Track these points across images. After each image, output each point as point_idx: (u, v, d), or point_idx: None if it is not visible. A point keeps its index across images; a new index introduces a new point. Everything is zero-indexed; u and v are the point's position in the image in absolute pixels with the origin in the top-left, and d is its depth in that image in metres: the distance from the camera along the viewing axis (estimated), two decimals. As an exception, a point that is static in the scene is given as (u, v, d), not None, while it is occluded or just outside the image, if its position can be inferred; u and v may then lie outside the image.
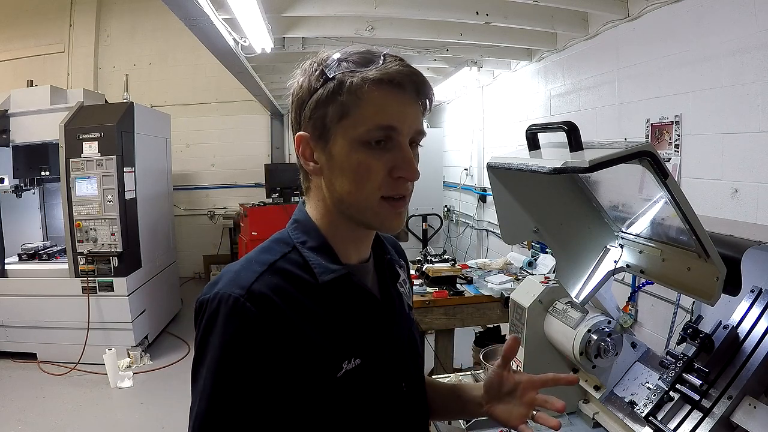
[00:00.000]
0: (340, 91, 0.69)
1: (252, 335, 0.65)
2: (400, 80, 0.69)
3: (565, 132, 0.89)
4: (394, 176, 0.71)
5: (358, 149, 0.70)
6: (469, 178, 4.98)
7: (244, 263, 0.72)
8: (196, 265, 6.86)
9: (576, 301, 1.27)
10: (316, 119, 0.71)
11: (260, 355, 0.65)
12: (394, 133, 0.70)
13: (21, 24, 6.24)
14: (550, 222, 1.27)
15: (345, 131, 0.70)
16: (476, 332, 3.47)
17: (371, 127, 0.69)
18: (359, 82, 0.68)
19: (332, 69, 0.70)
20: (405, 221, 0.79)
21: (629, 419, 1.20)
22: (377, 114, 0.69)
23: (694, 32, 2.11)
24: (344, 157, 0.70)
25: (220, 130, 6.87)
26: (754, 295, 0.97)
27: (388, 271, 0.87)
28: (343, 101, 0.69)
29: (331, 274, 0.73)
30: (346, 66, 0.70)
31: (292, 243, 0.76)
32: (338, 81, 0.69)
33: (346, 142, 0.70)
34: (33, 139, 4.10)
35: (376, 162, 0.70)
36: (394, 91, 0.69)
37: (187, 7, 2.26)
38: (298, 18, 2.84)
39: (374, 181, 0.70)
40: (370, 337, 0.76)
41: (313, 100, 0.71)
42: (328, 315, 0.71)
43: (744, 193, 1.93)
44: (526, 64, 3.70)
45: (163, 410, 3.36)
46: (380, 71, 0.69)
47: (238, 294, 0.66)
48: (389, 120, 0.69)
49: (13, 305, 4.04)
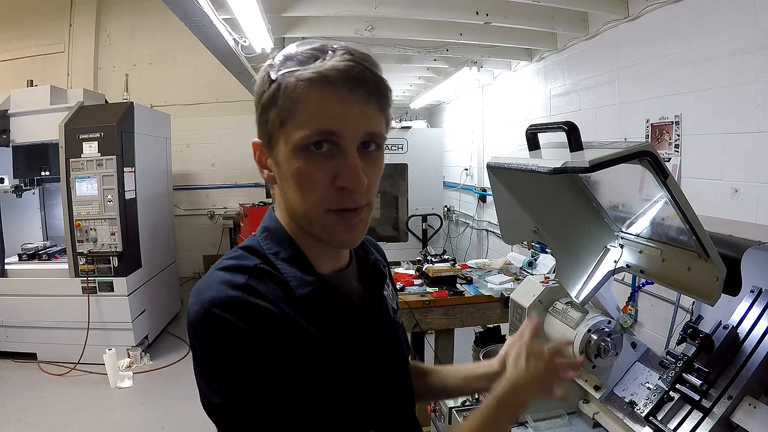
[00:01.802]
0: (278, 94, 0.64)
1: (269, 325, 0.62)
2: (337, 78, 0.62)
3: (565, 132, 0.90)
4: (337, 186, 0.65)
5: (298, 156, 0.64)
6: (469, 178, 4.98)
7: (224, 272, 0.67)
8: (196, 265, 6.86)
9: (576, 301, 1.27)
10: (263, 125, 0.67)
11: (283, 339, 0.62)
12: (336, 137, 0.63)
13: (21, 24, 6.24)
14: (550, 222, 1.28)
15: (286, 137, 0.65)
16: (476, 332, 3.46)
17: (309, 132, 0.63)
18: (293, 83, 0.63)
19: (275, 69, 0.65)
20: (363, 232, 0.71)
21: (629, 419, 1.20)
22: (314, 118, 0.63)
23: (694, 32, 2.11)
24: (286, 165, 0.66)
25: (220, 130, 6.87)
26: (754, 295, 0.97)
27: (374, 274, 0.82)
28: (281, 105, 0.64)
29: (308, 287, 0.69)
30: (288, 65, 0.64)
31: (263, 254, 0.71)
32: (277, 83, 0.64)
33: (287, 149, 0.65)
34: (33, 139, 4.10)
35: (318, 171, 0.64)
36: (332, 90, 0.62)
37: (187, 7, 2.26)
38: (298, 18, 2.83)
39: (317, 192, 0.65)
40: (354, 345, 0.72)
41: (260, 105, 0.67)
42: (311, 324, 0.67)
43: (744, 193, 1.93)
44: (526, 64, 3.70)
45: (163, 410, 3.36)
46: (315, 69, 0.62)
47: (238, 295, 0.63)
48: (328, 124, 0.63)
49: (13, 305, 4.04)
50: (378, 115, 0.67)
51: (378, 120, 0.67)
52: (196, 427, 3.07)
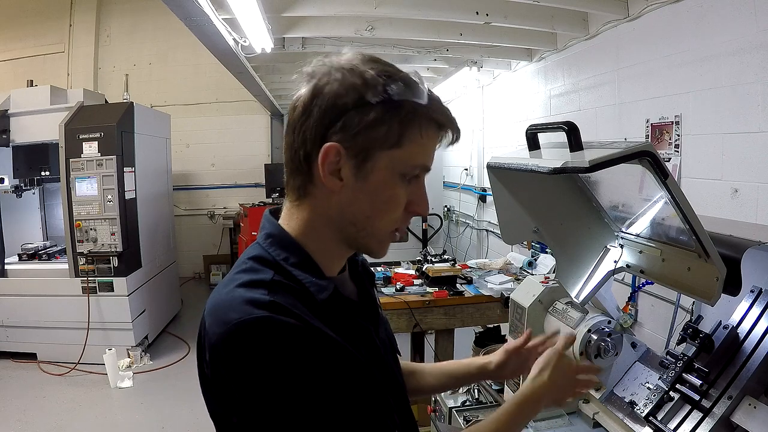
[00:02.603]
0: (400, 118, 0.65)
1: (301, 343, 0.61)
2: (452, 128, 0.70)
3: (565, 132, 0.89)
4: (410, 210, 0.71)
5: (399, 182, 0.69)
6: (469, 178, 4.98)
7: (243, 289, 0.65)
8: (196, 265, 6.86)
9: (576, 301, 1.27)
10: (362, 137, 0.65)
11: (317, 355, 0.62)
12: (424, 172, 0.71)
13: (21, 24, 6.24)
14: (550, 222, 1.27)
15: (392, 160, 0.67)
16: (476, 332, 3.46)
17: (420, 164, 0.69)
18: (426, 119, 0.67)
19: (396, 92, 0.65)
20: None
21: (629, 419, 1.20)
22: (426, 154, 0.69)
23: (694, 32, 2.11)
24: (381, 185, 0.68)
25: (220, 130, 6.88)
26: (754, 295, 0.97)
27: (365, 275, 0.85)
28: (400, 132, 0.66)
29: (325, 291, 0.69)
30: (403, 92, 0.65)
31: (273, 260, 0.70)
32: (402, 107, 0.65)
33: (388, 171, 0.67)
34: (33, 139, 4.10)
35: (404, 197, 0.70)
36: (442, 135, 0.70)
37: (187, 7, 2.26)
38: (298, 18, 2.83)
39: (396, 213, 0.70)
40: (365, 345, 0.74)
41: (366, 117, 0.64)
42: (330, 329, 0.67)
43: (744, 193, 1.93)
44: (526, 64, 3.70)
45: (163, 410, 3.36)
46: (442, 114, 0.69)
47: (266, 315, 0.61)
48: (431, 162, 0.71)
49: (13, 305, 4.04)
50: None
51: None
52: (196, 427, 3.07)
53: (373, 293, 0.85)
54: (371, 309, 0.82)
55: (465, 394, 1.72)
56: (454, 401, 1.67)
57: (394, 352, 0.87)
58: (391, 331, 0.90)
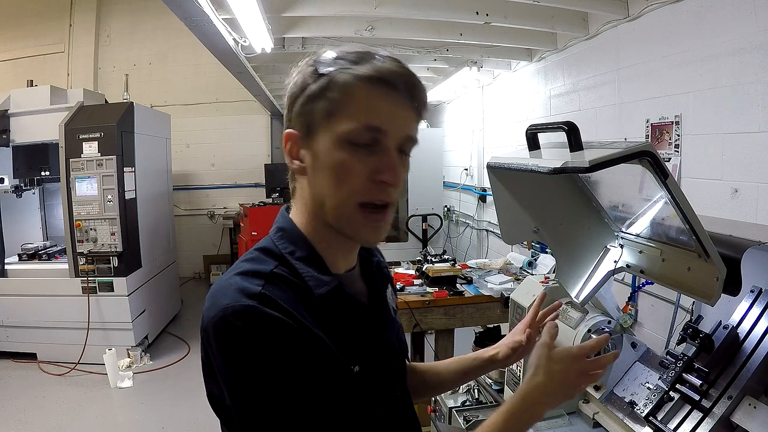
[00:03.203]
0: (330, 87, 0.66)
1: (284, 336, 0.63)
2: (393, 79, 0.66)
3: (565, 132, 0.89)
4: (376, 179, 0.67)
5: (341, 148, 0.66)
6: (469, 178, 4.98)
7: (241, 277, 0.68)
8: (196, 265, 6.87)
9: (576, 301, 1.27)
10: (305, 115, 0.69)
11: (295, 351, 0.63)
12: (381, 135, 0.67)
13: (21, 24, 6.24)
14: (550, 222, 1.27)
15: (331, 129, 0.67)
16: (476, 332, 3.46)
17: (358, 126, 0.66)
18: (350, 79, 0.66)
19: (325, 65, 0.68)
20: (386, 232, 0.73)
21: (629, 419, 1.20)
22: (366, 113, 0.66)
23: (694, 32, 2.11)
24: (327, 155, 0.67)
25: (220, 130, 6.88)
26: (754, 295, 0.97)
27: (378, 276, 0.84)
28: (332, 98, 0.66)
29: (325, 286, 0.70)
30: (340, 63, 0.67)
31: (279, 253, 0.72)
32: (329, 77, 0.67)
33: (330, 140, 0.67)
34: (33, 139, 4.10)
35: (358, 164, 0.66)
36: (385, 90, 0.66)
37: (187, 7, 2.26)
38: (298, 18, 2.83)
39: (353, 183, 0.67)
40: (364, 345, 0.74)
41: (304, 96, 0.68)
42: (325, 325, 0.68)
43: (744, 193, 1.93)
44: (526, 64, 3.70)
45: (163, 410, 3.36)
46: (373, 68, 0.66)
47: (253, 304, 0.63)
48: (377, 121, 0.66)
49: (13, 305, 4.04)
50: (416, 122, 0.71)
51: (416, 127, 0.71)
52: (196, 427, 3.07)
53: (383, 295, 0.83)
54: (378, 310, 0.81)
55: (465, 394, 1.72)
56: (454, 401, 1.67)
57: (401, 356, 0.86)
58: (403, 337, 0.90)
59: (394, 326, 0.85)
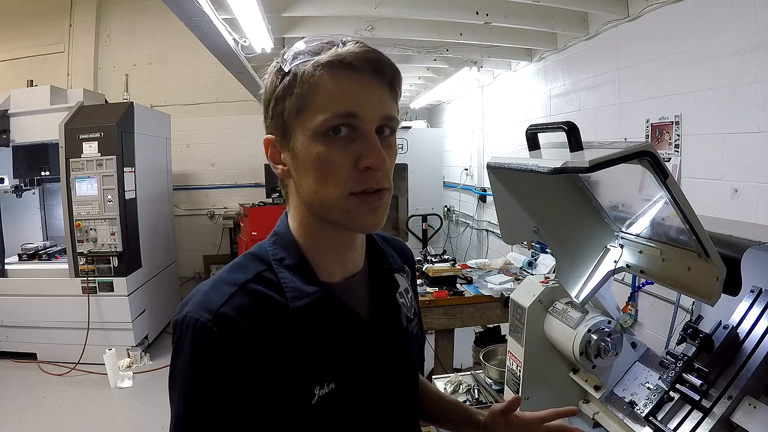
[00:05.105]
0: (295, 83, 0.64)
1: (219, 361, 0.62)
2: (354, 61, 0.63)
3: (565, 132, 0.89)
4: (361, 167, 0.64)
5: (317, 142, 0.64)
6: (469, 178, 4.98)
7: (214, 283, 0.68)
8: (196, 265, 6.86)
9: (576, 301, 1.27)
10: (278, 117, 0.67)
11: (228, 380, 0.62)
12: (355, 120, 0.63)
13: (21, 24, 6.24)
14: (550, 222, 1.27)
15: (303, 125, 0.65)
16: (476, 332, 3.47)
17: (328, 115, 0.63)
18: (311, 69, 0.63)
19: (288, 62, 0.66)
20: (385, 216, 0.69)
21: (629, 419, 1.20)
22: (333, 101, 0.63)
23: (694, 32, 2.11)
24: (306, 152, 0.65)
25: (220, 130, 6.87)
26: (754, 295, 0.97)
27: (385, 282, 0.80)
28: (298, 93, 0.64)
29: (306, 298, 0.67)
30: (301, 57, 0.65)
31: (268, 260, 0.71)
32: (292, 73, 0.65)
33: (305, 136, 0.65)
34: (33, 139, 4.10)
35: (339, 154, 0.64)
36: (349, 74, 0.63)
37: (187, 7, 2.25)
38: (298, 18, 2.83)
39: (339, 176, 0.64)
40: (348, 359, 0.70)
41: (274, 98, 0.67)
42: (300, 339, 0.66)
43: (744, 193, 1.93)
44: (526, 64, 3.70)
45: (163, 410, 3.36)
46: (332, 54, 0.63)
47: (206, 318, 0.63)
48: (347, 106, 0.63)
49: (13, 305, 4.04)
50: (392, 100, 0.68)
51: (392, 104, 0.68)
52: (196, 427, 3.07)
53: (387, 306, 0.79)
54: (380, 321, 0.76)
55: (465, 394, 1.72)
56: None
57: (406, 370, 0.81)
58: (417, 351, 0.87)
59: (400, 337, 0.80)
